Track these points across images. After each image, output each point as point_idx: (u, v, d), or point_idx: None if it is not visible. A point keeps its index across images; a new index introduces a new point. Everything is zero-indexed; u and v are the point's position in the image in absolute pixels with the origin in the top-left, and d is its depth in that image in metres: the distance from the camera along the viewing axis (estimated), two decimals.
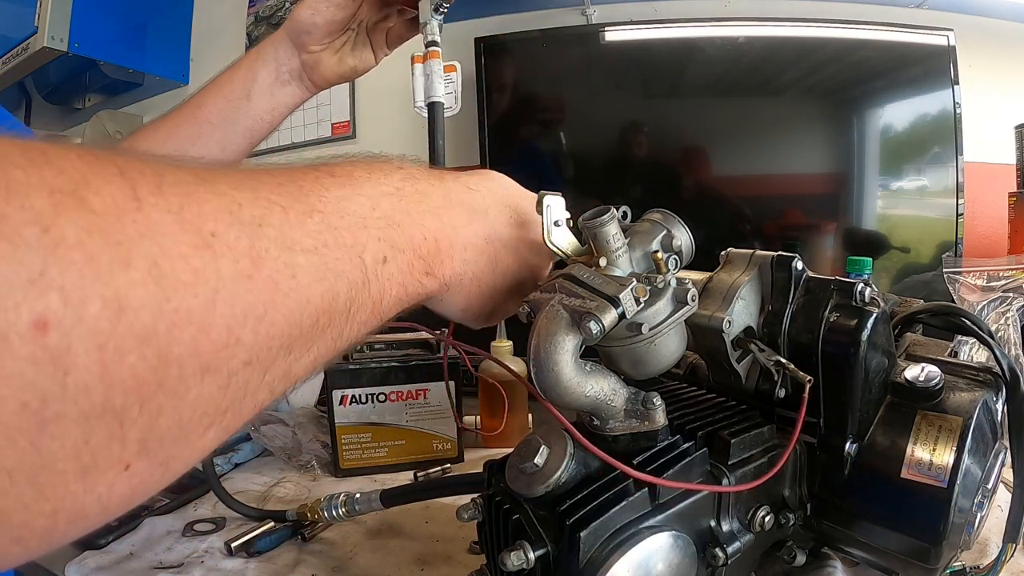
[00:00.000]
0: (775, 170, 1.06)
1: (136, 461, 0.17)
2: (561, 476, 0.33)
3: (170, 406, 0.17)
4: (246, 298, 0.19)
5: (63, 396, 0.14)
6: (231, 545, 0.55)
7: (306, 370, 0.23)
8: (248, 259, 0.19)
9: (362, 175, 0.27)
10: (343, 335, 0.24)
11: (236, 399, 0.19)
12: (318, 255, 0.22)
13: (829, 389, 0.37)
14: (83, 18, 1.25)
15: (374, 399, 0.70)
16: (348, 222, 0.24)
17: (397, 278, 0.27)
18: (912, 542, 0.35)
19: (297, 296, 0.21)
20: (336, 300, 0.23)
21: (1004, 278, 0.77)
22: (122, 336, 0.15)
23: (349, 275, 0.24)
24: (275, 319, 0.20)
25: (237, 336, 0.18)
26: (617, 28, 1.05)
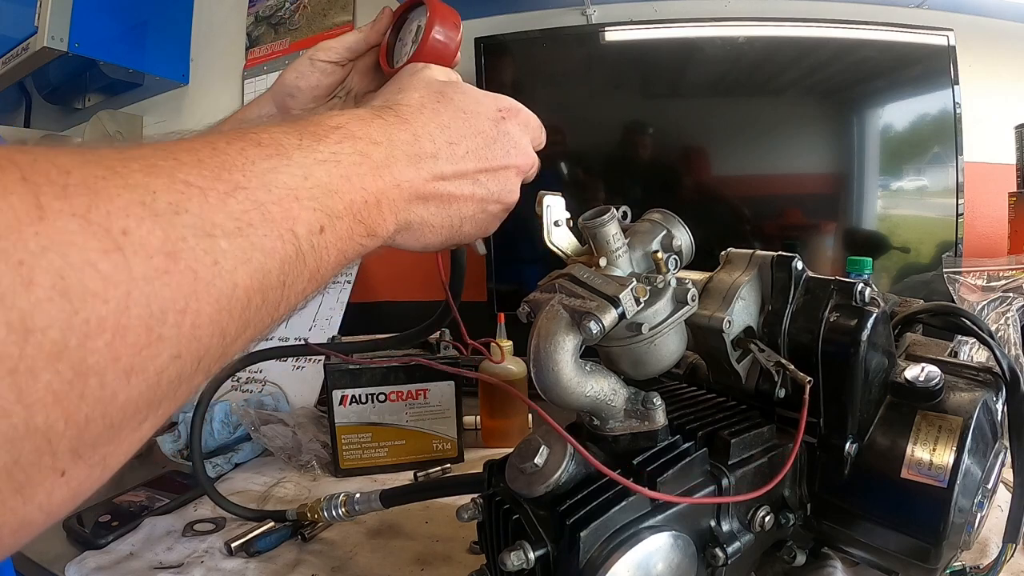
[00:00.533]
0: (775, 170, 1.06)
1: (71, 467, 0.17)
2: (561, 476, 0.33)
3: (97, 413, 0.17)
4: (163, 293, 0.18)
5: None
6: (231, 545, 0.55)
7: (243, 347, 0.23)
8: (163, 254, 0.18)
9: (292, 142, 0.25)
10: (279, 308, 0.24)
11: (170, 391, 0.19)
12: (243, 236, 0.21)
13: (829, 389, 0.36)
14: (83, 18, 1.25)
15: (374, 399, 0.70)
16: (277, 195, 0.23)
17: (336, 245, 0.26)
18: (912, 542, 0.35)
19: (221, 283, 0.20)
20: (267, 277, 0.22)
21: (1004, 278, 0.77)
22: (32, 357, 0.15)
23: (280, 251, 0.23)
24: (200, 308, 0.19)
25: (159, 333, 0.18)
26: (617, 28, 1.05)
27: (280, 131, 0.26)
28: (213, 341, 0.20)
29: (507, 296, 1.05)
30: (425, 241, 0.33)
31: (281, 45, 1.44)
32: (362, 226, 0.27)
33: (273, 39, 1.45)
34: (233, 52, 1.49)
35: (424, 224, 0.32)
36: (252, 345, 0.24)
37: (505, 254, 1.05)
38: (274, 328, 0.25)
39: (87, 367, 0.16)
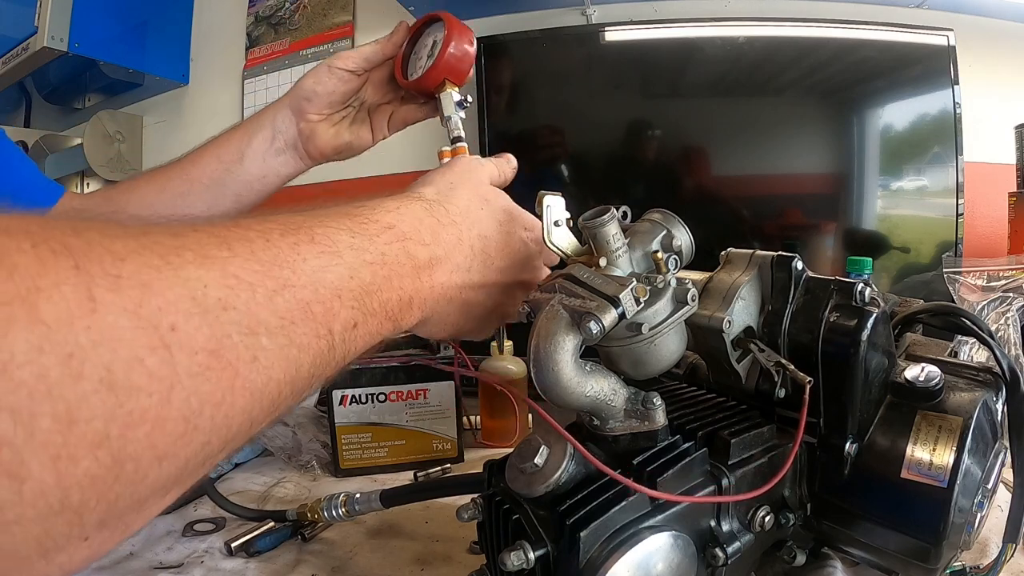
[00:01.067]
0: (775, 170, 1.06)
1: (95, 535, 0.17)
2: (561, 476, 0.33)
3: (127, 493, 0.17)
4: (203, 388, 0.18)
5: (20, 502, 0.15)
6: (231, 545, 0.55)
7: (271, 421, 0.24)
8: (207, 352, 0.19)
9: (344, 239, 0.27)
10: (303, 396, 0.25)
11: (195, 471, 0.20)
12: (283, 333, 0.22)
13: (829, 389, 0.36)
14: (83, 18, 1.25)
15: (374, 399, 0.70)
16: (322, 295, 0.24)
17: (363, 338, 0.27)
18: (912, 542, 0.35)
19: (257, 377, 0.21)
20: (299, 371, 0.23)
21: (1004, 278, 0.77)
22: (75, 446, 0.15)
23: (315, 347, 0.23)
24: (234, 402, 0.20)
25: (194, 424, 0.18)
26: (617, 28, 1.05)
27: (334, 226, 0.27)
28: (242, 428, 0.21)
29: None
30: (431, 332, 0.35)
31: (281, 45, 1.44)
32: (391, 323, 0.29)
33: (273, 39, 1.45)
34: (233, 52, 1.49)
35: (440, 320, 0.35)
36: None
37: None
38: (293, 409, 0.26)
39: (125, 455, 0.17)
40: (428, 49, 0.47)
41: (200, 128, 1.53)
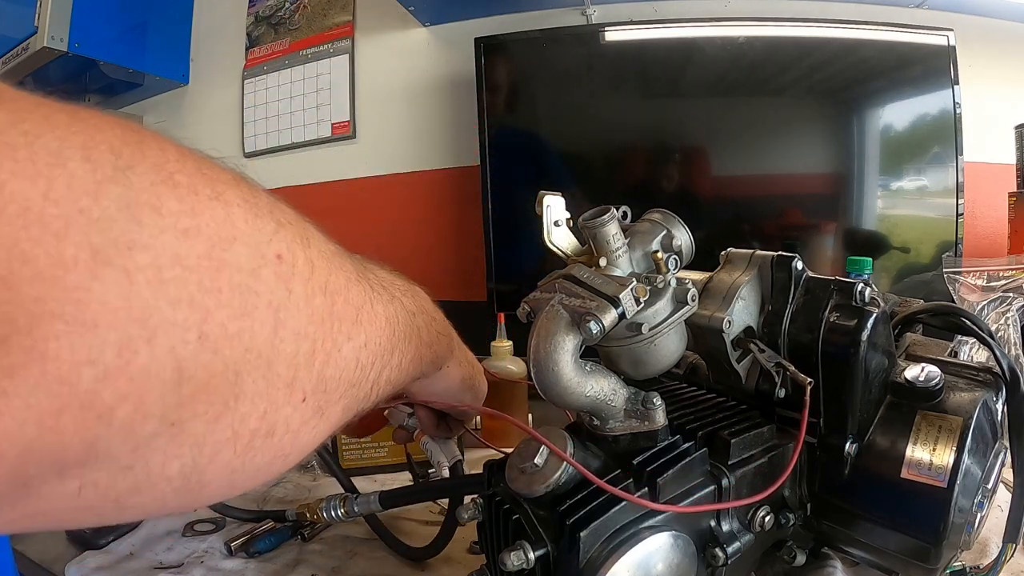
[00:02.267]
0: (775, 170, 1.06)
1: (310, 396, 0.21)
2: (561, 476, 0.33)
3: (333, 353, 0.22)
4: (360, 294, 0.25)
5: (288, 307, 0.19)
6: (231, 545, 0.55)
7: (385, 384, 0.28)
8: (356, 272, 0.26)
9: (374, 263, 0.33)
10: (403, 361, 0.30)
11: (357, 379, 0.24)
12: (383, 288, 0.29)
13: (829, 389, 0.36)
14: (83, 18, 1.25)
15: None
16: (386, 283, 0.30)
17: (425, 328, 0.34)
18: (912, 542, 0.35)
19: (381, 307, 0.27)
20: (399, 324, 0.29)
21: (1004, 278, 0.77)
22: (314, 283, 0.21)
23: (400, 310, 0.30)
24: (373, 316, 0.26)
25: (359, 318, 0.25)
26: (617, 28, 1.05)
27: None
28: (378, 351, 0.26)
29: (507, 296, 1.05)
30: (464, 370, 0.43)
31: (281, 45, 1.44)
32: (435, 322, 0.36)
33: (273, 39, 1.45)
34: (233, 52, 1.49)
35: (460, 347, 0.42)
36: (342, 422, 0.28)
37: (505, 254, 1.05)
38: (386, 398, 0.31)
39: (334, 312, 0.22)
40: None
41: (200, 128, 1.53)
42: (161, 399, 0.16)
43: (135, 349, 0.15)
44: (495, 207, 1.03)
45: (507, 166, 1.06)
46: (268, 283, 0.19)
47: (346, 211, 1.40)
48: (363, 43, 1.37)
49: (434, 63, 1.31)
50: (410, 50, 1.33)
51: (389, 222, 1.36)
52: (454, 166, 1.30)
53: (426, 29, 1.31)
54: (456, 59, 1.27)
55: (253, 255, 0.18)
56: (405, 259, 1.33)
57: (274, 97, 1.44)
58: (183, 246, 0.16)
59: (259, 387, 0.19)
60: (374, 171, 1.37)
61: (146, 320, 0.15)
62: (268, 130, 1.45)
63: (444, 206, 1.31)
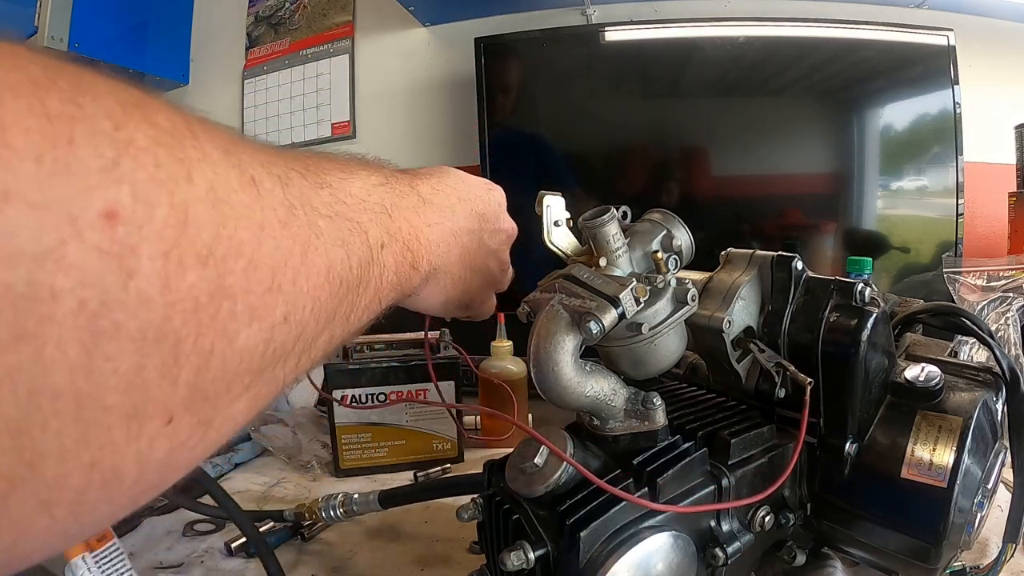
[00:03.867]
0: (775, 170, 1.06)
1: (180, 414, 0.16)
2: (561, 476, 0.33)
3: (219, 348, 0.16)
4: (285, 244, 0.19)
5: (124, 303, 0.13)
6: (231, 545, 0.55)
7: (322, 350, 0.23)
8: (283, 208, 0.19)
9: (356, 165, 0.29)
10: (352, 314, 0.25)
11: (271, 362, 0.19)
12: (333, 222, 0.23)
13: (829, 389, 0.36)
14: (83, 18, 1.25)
15: (374, 399, 0.70)
16: (351, 203, 0.25)
17: (392, 266, 0.28)
18: (912, 542, 0.35)
19: (322, 255, 0.21)
20: (351, 271, 0.23)
21: (1004, 278, 0.77)
22: (184, 249, 0.15)
23: (359, 250, 0.24)
24: (308, 271, 0.20)
25: (279, 282, 0.18)
26: (617, 28, 1.05)
27: (343, 156, 0.29)
28: (310, 318, 0.21)
29: (507, 296, 1.04)
30: (447, 292, 0.36)
31: (281, 45, 1.44)
32: (410, 254, 0.30)
33: (273, 39, 1.45)
34: (233, 52, 1.49)
35: (448, 272, 0.35)
36: (324, 358, 0.24)
37: None
38: (341, 344, 0.26)
39: (224, 286, 0.16)
40: None
41: None
42: None
43: None
44: None
45: (507, 166, 1.06)
46: (78, 270, 0.12)
47: None
48: (363, 43, 1.37)
49: (434, 63, 1.31)
50: (410, 50, 1.33)
51: None
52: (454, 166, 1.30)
53: (426, 29, 1.31)
54: (456, 59, 1.27)
55: (46, 223, 0.12)
56: None
57: (274, 97, 1.44)
58: None
59: (69, 438, 0.13)
60: None
61: None
62: (268, 130, 1.45)
63: None
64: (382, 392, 0.70)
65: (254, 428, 0.77)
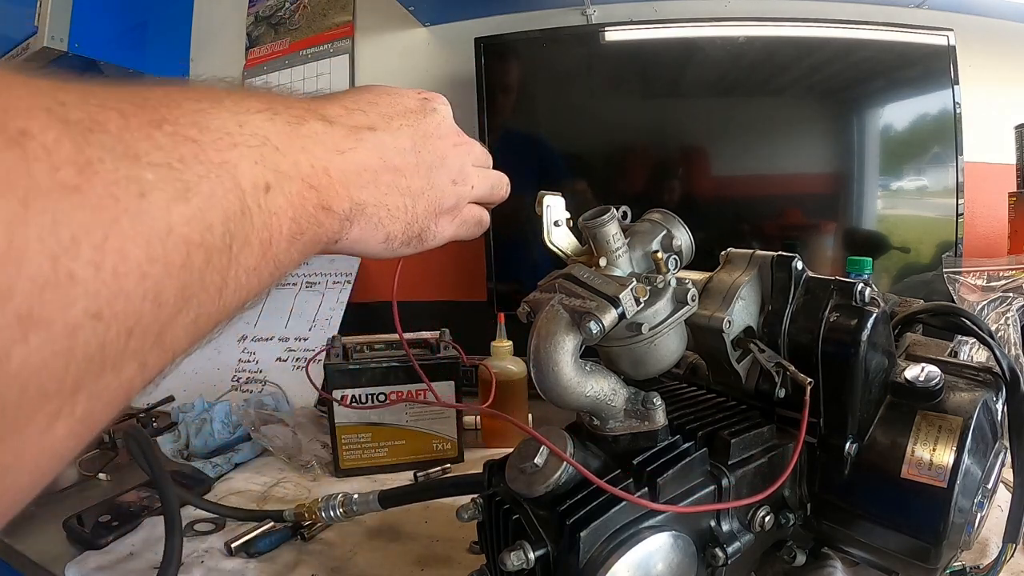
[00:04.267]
0: (775, 170, 1.06)
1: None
2: (561, 476, 0.33)
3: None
4: (74, 216, 0.14)
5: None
6: (231, 545, 0.55)
7: (188, 334, 0.18)
8: (74, 167, 0.14)
9: (221, 92, 0.22)
10: (228, 283, 0.19)
11: (90, 371, 0.15)
12: (173, 171, 0.17)
13: (829, 389, 0.36)
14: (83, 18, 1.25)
15: (374, 399, 0.70)
16: (210, 137, 0.19)
17: (288, 212, 0.22)
18: (912, 542, 0.35)
19: (151, 220, 0.16)
20: (210, 232, 0.18)
21: (1004, 278, 0.77)
22: None
23: (221, 201, 0.19)
24: (124, 248, 0.15)
25: (69, 270, 0.14)
26: (617, 28, 1.05)
27: (207, 83, 0.23)
28: (146, 305, 0.16)
29: (507, 296, 1.05)
30: (386, 229, 0.30)
31: (281, 45, 1.44)
32: (314, 192, 0.24)
33: (273, 39, 1.45)
34: (233, 52, 1.49)
35: (379, 205, 0.29)
36: (195, 344, 0.19)
37: (505, 254, 1.05)
38: (220, 324, 0.20)
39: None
40: None
41: None
42: None
43: None
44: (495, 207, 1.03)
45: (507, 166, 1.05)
46: None
47: None
48: (363, 43, 1.37)
49: (434, 63, 1.31)
50: (410, 50, 1.33)
51: None
52: None
53: (426, 29, 1.31)
54: (456, 59, 1.27)
55: None
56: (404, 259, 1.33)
57: None
58: None
59: None
60: None
61: None
62: None
63: None
64: (382, 392, 0.70)
65: (254, 428, 0.77)
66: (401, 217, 0.31)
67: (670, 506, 0.33)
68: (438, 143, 0.33)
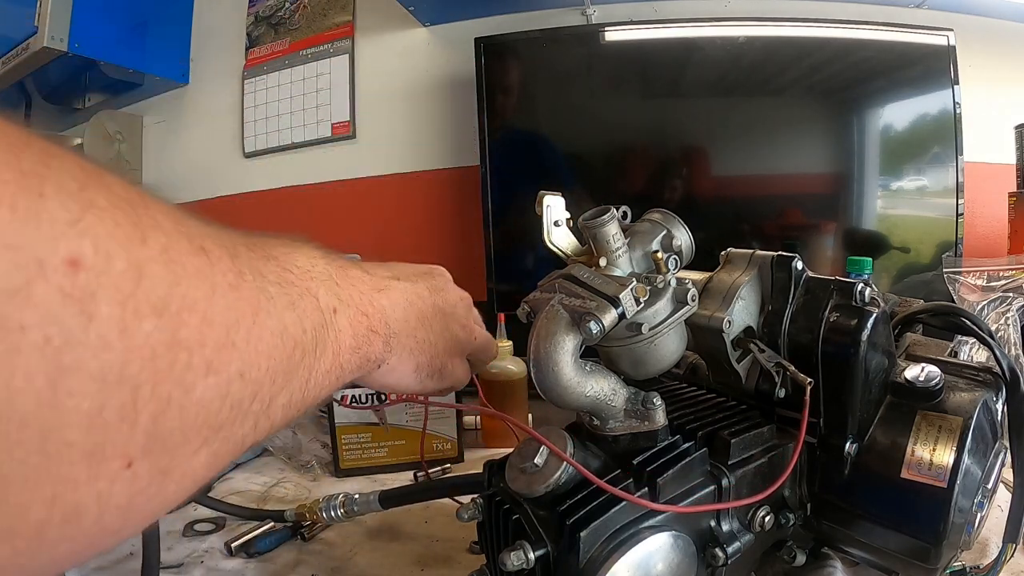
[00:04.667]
0: (775, 170, 1.06)
1: (139, 459, 0.16)
2: (561, 476, 0.33)
3: (176, 398, 0.17)
4: (237, 305, 0.20)
5: (85, 343, 0.14)
6: (231, 545, 0.55)
7: (283, 413, 0.24)
8: (233, 273, 0.20)
9: (297, 242, 0.29)
10: (311, 379, 0.25)
11: (229, 419, 0.20)
12: (282, 288, 0.23)
13: (829, 389, 0.36)
14: (83, 18, 1.25)
15: (374, 399, 0.70)
16: (298, 272, 0.26)
17: (348, 329, 0.28)
18: (912, 542, 0.35)
19: (275, 318, 0.22)
20: (305, 335, 0.24)
21: (1004, 278, 0.77)
22: (140, 300, 0.15)
23: (311, 314, 0.25)
24: (261, 333, 0.21)
25: (232, 339, 0.19)
26: (617, 28, 1.05)
27: (279, 236, 0.29)
28: (266, 378, 0.21)
29: (507, 296, 1.05)
30: (415, 359, 0.36)
31: (281, 45, 1.44)
32: (365, 318, 0.31)
33: (273, 39, 1.45)
34: (233, 52, 1.49)
35: (409, 335, 0.35)
36: (285, 422, 0.24)
37: (505, 254, 1.05)
38: (305, 409, 0.26)
39: (180, 339, 0.17)
40: None
41: (200, 128, 1.53)
42: None
43: None
44: (495, 207, 1.03)
45: (507, 166, 1.06)
46: (43, 308, 0.13)
47: (346, 211, 1.40)
48: (363, 43, 1.37)
49: (434, 63, 1.31)
50: (410, 50, 1.33)
51: (389, 222, 1.36)
52: (454, 166, 1.30)
53: (426, 29, 1.31)
54: (456, 59, 1.27)
55: (18, 263, 0.13)
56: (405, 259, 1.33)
57: (274, 97, 1.44)
58: None
59: (31, 468, 0.14)
60: (374, 171, 1.37)
61: None
62: (268, 130, 1.45)
63: (444, 206, 1.30)
64: (382, 392, 0.70)
65: None
66: (427, 350, 0.37)
67: (670, 506, 0.33)
68: (447, 295, 0.40)
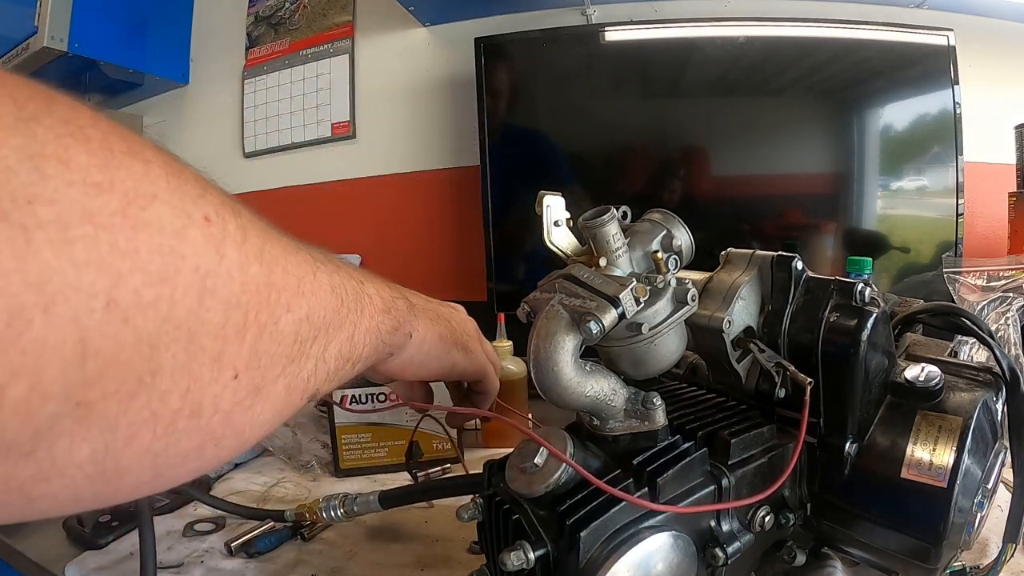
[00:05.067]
0: (775, 170, 1.06)
1: (242, 372, 0.20)
2: (561, 476, 0.33)
3: (268, 326, 0.20)
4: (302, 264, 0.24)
5: (219, 273, 0.18)
6: (231, 545, 0.55)
7: (335, 361, 0.27)
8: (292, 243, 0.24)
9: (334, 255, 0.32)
10: (355, 334, 0.28)
11: (298, 354, 0.23)
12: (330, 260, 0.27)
13: (829, 389, 0.36)
14: (83, 18, 1.25)
15: (374, 399, 0.70)
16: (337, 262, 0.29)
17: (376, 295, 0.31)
18: (912, 542, 0.35)
19: (325, 276, 0.25)
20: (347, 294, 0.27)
21: (1004, 278, 0.77)
22: (248, 250, 0.20)
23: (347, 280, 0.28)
24: (317, 288, 0.24)
25: (302, 288, 0.23)
26: (617, 28, 1.05)
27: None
28: (322, 324, 0.24)
29: (507, 296, 1.05)
30: (438, 329, 0.39)
31: (281, 45, 1.44)
32: (388, 288, 0.34)
33: (273, 39, 1.45)
34: (233, 52, 1.49)
35: (428, 311, 0.38)
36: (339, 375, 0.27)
37: (505, 254, 1.05)
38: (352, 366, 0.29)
39: (272, 281, 0.21)
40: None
41: (200, 128, 1.53)
42: (62, 376, 0.14)
43: (28, 318, 0.13)
44: (495, 207, 1.03)
45: (507, 166, 1.06)
46: (195, 246, 0.17)
47: (346, 211, 1.40)
48: (363, 43, 1.37)
49: (434, 63, 1.31)
50: (410, 50, 1.33)
51: (389, 222, 1.36)
52: (454, 166, 1.30)
53: (426, 29, 1.31)
54: (456, 59, 1.27)
55: (177, 214, 0.17)
56: (405, 259, 1.33)
57: (274, 97, 1.44)
58: (94, 201, 0.15)
59: (179, 362, 0.17)
60: (374, 171, 1.37)
61: (43, 285, 0.13)
62: (268, 130, 1.45)
63: (444, 206, 1.30)
64: (382, 392, 0.70)
65: None
66: (446, 325, 0.40)
67: (670, 506, 0.33)
68: (461, 318, 0.43)
